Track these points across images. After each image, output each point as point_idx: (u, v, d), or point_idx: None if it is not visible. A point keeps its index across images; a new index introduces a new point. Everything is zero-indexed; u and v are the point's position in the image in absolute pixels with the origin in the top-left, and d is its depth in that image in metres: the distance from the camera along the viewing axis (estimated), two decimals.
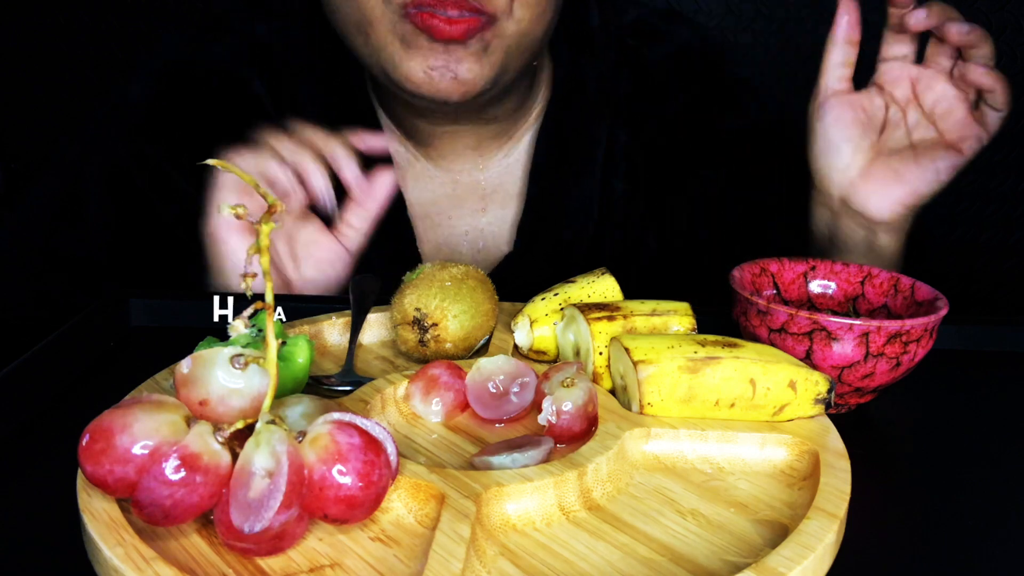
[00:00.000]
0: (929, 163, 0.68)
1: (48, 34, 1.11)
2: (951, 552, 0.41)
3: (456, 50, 0.67)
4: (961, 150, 0.68)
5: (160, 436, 0.35)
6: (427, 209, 0.82)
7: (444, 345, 0.52)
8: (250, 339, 0.44)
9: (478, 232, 0.82)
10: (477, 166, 0.82)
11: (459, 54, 0.67)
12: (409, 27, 0.67)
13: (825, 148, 0.70)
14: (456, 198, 0.82)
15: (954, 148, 0.68)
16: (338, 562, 0.36)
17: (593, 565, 0.37)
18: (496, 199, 0.82)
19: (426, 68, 0.68)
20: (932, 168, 0.68)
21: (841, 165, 0.70)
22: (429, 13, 0.65)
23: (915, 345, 0.49)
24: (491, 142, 0.81)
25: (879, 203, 0.69)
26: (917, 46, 0.70)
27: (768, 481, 0.43)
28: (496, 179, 0.82)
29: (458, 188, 0.82)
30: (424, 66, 0.68)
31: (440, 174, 0.82)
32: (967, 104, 0.68)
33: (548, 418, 0.44)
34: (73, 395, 0.52)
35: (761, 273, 0.57)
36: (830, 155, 0.70)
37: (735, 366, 0.44)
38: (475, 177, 0.82)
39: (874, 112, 0.71)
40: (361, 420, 0.36)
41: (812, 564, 0.35)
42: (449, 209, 0.82)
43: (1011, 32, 1.03)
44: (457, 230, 0.82)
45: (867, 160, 0.70)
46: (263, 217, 0.36)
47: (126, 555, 0.34)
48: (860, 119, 0.70)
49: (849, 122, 0.70)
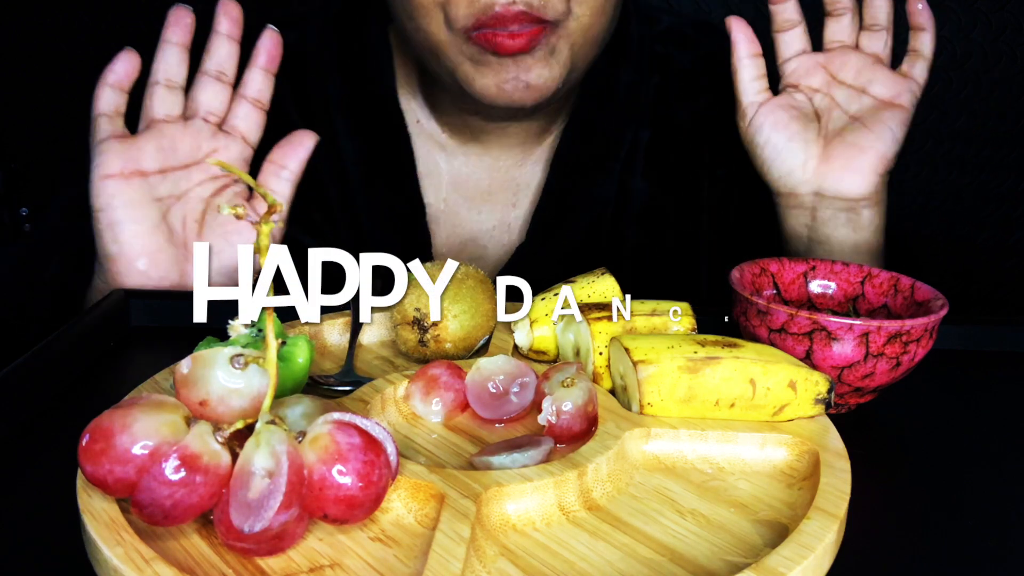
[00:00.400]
0: (879, 124, 0.70)
1: (48, 34, 1.11)
2: (951, 552, 0.41)
3: (524, 60, 0.68)
4: (901, 105, 0.70)
5: (160, 436, 0.35)
6: (457, 204, 0.82)
7: (444, 345, 0.52)
8: (250, 339, 0.45)
9: (504, 228, 0.83)
10: (517, 160, 0.83)
11: (527, 63, 0.68)
12: (475, 48, 0.68)
13: (775, 155, 0.72)
14: (489, 192, 0.83)
15: (893, 105, 0.70)
16: (338, 562, 0.36)
17: (593, 565, 0.37)
18: (528, 193, 0.83)
19: (498, 83, 0.69)
20: (885, 128, 0.69)
21: (799, 162, 0.71)
22: (492, 32, 0.66)
23: (915, 345, 0.49)
24: (535, 137, 0.82)
25: (852, 178, 0.70)
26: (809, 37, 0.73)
27: (768, 481, 0.43)
28: (530, 173, 0.83)
29: (493, 182, 0.83)
30: (496, 81, 0.69)
31: (480, 168, 0.82)
32: (884, 64, 0.71)
33: (548, 418, 0.44)
34: (73, 395, 0.52)
35: (761, 273, 0.57)
36: (784, 158, 0.72)
37: (735, 366, 0.44)
38: (512, 171, 0.83)
39: (803, 106, 0.72)
40: (361, 420, 0.36)
41: (812, 564, 0.35)
42: (480, 204, 0.83)
43: (1011, 32, 1.03)
44: (485, 225, 0.83)
45: (820, 147, 0.71)
46: (263, 217, 0.36)
47: (126, 555, 0.34)
48: (795, 115, 0.72)
49: (787, 121, 0.71)
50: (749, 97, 0.72)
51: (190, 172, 0.68)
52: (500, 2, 0.65)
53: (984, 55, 1.04)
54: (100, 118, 0.66)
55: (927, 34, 0.70)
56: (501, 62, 0.68)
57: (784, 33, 0.72)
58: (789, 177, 0.72)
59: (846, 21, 0.71)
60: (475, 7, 0.66)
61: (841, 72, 0.72)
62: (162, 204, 0.67)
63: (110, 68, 0.66)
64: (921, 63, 0.71)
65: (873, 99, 0.71)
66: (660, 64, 0.84)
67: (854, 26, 0.72)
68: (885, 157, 0.70)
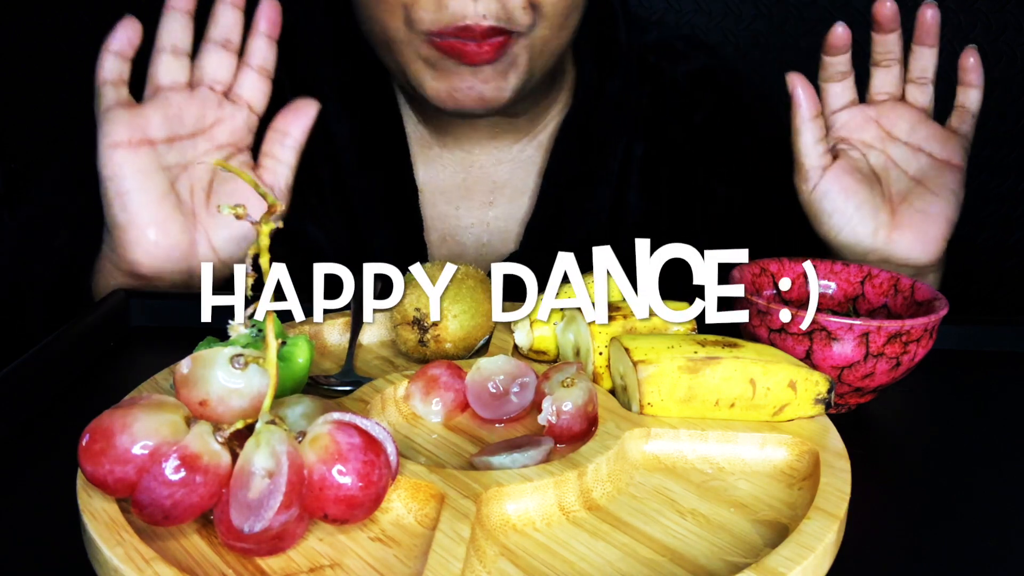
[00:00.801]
0: (942, 188, 0.67)
1: (48, 34, 1.11)
2: (951, 552, 0.41)
3: (483, 70, 0.68)
4: (956, 164, 0.68)
5: (160, 436, 0.35)
6: (435, 197, 0.82)
7: (444, 345, 0.52)
8: (250, 339, 0.45)
9: (483, 227, 0.82)
10: (492, 157, 0.82)
11: (486, 74, 0.68)
12: (434, 52, 0.67)
13: (843, 222, 0.69)
14: (465, 188, 0.82)
15: (949, 164, 0.68)
16: (338, 562, 0.36)
17: (593, 565, 0.37)
18: (505, 193, 0.82)
19: (450, 89, 0.69)
20: (948, 191, 0.67)
21: (869, 230, 0.69)
22: (460, 42, 0.66)
23: (915, 345, 0.49)
24: (508, 135, 0.81)
25: (922, 248, 0.68)
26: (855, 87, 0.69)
27: (768, 481, 0.43)
28: (507, 173, 0.82)
29: (469, 178, 0.82)
30: (449, 87, 0.69)
31: (453, 162, 0.82)
32: (930, 118, 0.68)
33: (548, 418, 0.44)
34: (73, 395, 0.52)
35: (761, 273, 0.57)
36: (854, 226, 0.69)
37: (735, 366, 0.44)
38: (487, 168, 0.82)
39: (863, 167, 0.69)
40: (361, 420, 0.36)
41: (812, 564, 0.35)
42: (457, 199, 0.82)
43: (1011, 32, 1.03)
44: (463, 222, 0.82)
45: (889, 214, 0.69)
46: (263, 217, 0.36)
47: (126, 555, 0.34)
48: (860, 180, 0.69)
49: (854, 188, 0.68)
50: (812, 161, 0.69)
51: (196, 141, 0.67)
52: (471, 16, 0.65)
53: (984, 55, 1.04)
54: (105, 86, 0.65)
55: (976, 91, 0.68)
56: (459, 70, 0.68)
57: (834, 84, 0.69)
58: (858, 245, 0.69)
59: (895, 72, 0.68)
60: (443, 15, 0.65)
61: (895, 128, 0.69)
62: (170, 173, 0.66)
63: (112, 35, 0.65)
64: (969, 120, 0.68)
65: (929, 158, 0.68)
66: (652, 75, 0.84)
67: (901, 77, 0.69)
68: (952, 223, 0.68)
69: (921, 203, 0.68)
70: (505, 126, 0.80)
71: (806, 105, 0.68)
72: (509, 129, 0.81)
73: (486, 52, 0.66)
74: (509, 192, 0.82)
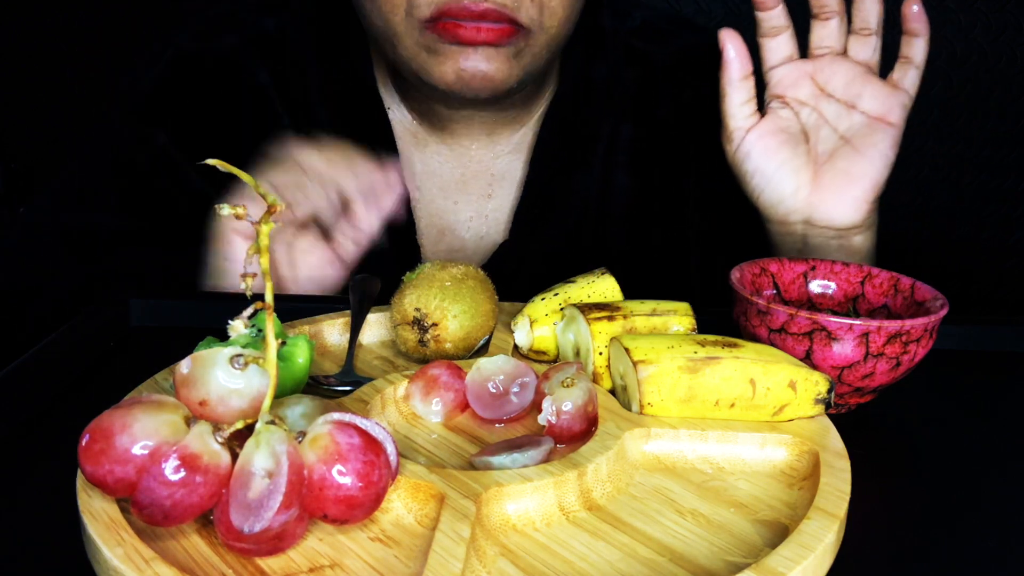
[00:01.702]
0: (870, 149, 0.66)
1: (48, 34, 1.11)
2: (951, 552, 0.41)
3: (487, 51, 0.68)
4: (891, 122, 0.66)
5: (160, 436, 0.35)
6: (432, 193, 0.82)
7: (444, 345, 0.52)
8: (250, 339, 0.45)
9: (482, 219, 0.82)
10: (488, 150, 0.82)
11: (490, 54, 0.68)
12: (431, 37, 0.68)
13: (764, 182, 0.69)
14: (463, 182, 0.82)
15: (883, 122, 0.66)
16: (338, 562, 0.36)
17: (593, 565, 0.37)
18: (503, 185, 0.83)
19: (457, 70, 0.69)
20: (876, 151, 0.66)
21: (789, 190, 0.68)
22: (453, 23, 0.66)
23: (915, 345, 0.49)
24: (504, 127, 0.82)
25: (843, 208, 0.68)
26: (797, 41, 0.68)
27: (768, 481, 0.43)
28: (504, 165, 0.83)
29: (467, 172, 0.82)
30: (455, 68, 0.69)
31: (451, 158, 0.82)
32: (874, 73, 0.67)
33: (548, 418, 0.44)
34: (73, 395, 0.52)
35: (761, 273, 0.57)
36: (773, 187, 0.69)
37: (735, 366, 0.44)
38: (485, 162, 0.83)
39: (790, 125, 0.69)
40: (361, 420, 0.36)
41: (812, 564, 0.35)
42: (455, 194, 0.82)
43: (1011, 32, 1.03)
44: (461, 216, 0.82)
45: (811, 173, 0.68)
46: (263, 217, 0.36)
47: (126, 555, 0.34)
48: (784, 140, 0.68)
49: (776, 147, 0.68)
50: (737, 122, 0.69)
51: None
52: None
53: (984, 55, 1.04)
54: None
55: (921, 40, 0.66)
56: (462, 50, 0.68)
57: (770, 39, 0.68)
58: (780, 205, 0.69)
59: (834, 25, 0.67)
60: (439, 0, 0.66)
61: (830, 83, 0.68)
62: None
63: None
64: (913, 72, 0.66)
65: (863, 115, 0.67)
66: (638, 59, 0.84)
67: (842, 30, 0.67)
68: (877, 184, 0.67)
69: (844, 163, 0.67)
70: (501, 119, 0.81)
71: (734, 66, 0.68)
72: (504, 120, 0.81)
73: (484, 33, 0.67)
74: (507, 184, 0.83)
